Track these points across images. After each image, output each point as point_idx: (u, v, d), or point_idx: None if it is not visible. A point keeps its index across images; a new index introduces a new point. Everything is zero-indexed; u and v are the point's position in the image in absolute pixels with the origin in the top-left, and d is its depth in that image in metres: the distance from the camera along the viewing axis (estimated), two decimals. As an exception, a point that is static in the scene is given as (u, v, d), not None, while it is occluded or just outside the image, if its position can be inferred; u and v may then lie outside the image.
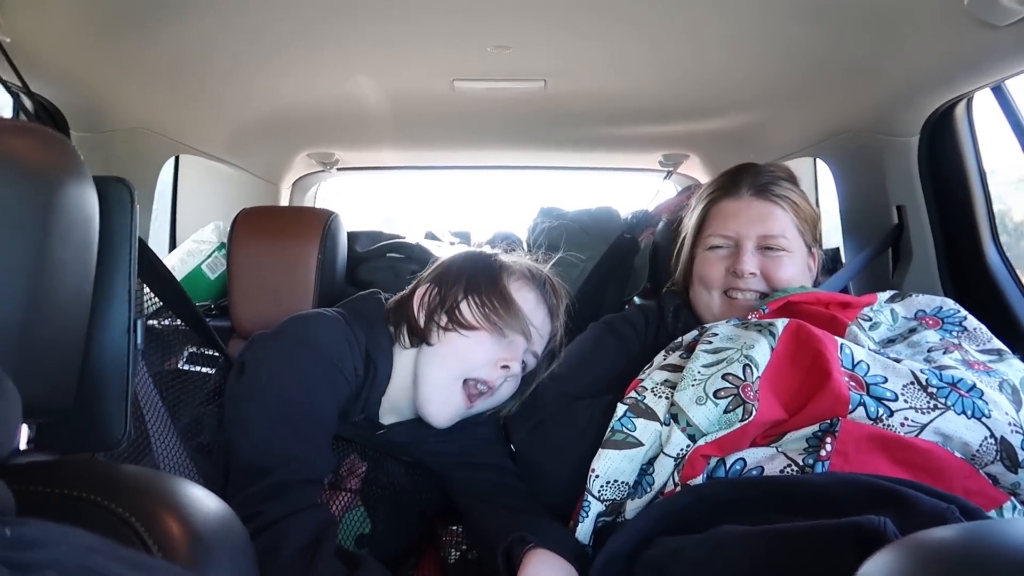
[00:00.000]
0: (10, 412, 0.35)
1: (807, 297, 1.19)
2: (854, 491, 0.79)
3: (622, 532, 0.90)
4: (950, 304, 1.17)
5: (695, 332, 1.14)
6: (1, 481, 0.36)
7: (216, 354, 1.27)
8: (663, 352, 1.15)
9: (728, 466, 0.93)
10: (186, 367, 1.28)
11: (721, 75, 1.63)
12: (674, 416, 0.98)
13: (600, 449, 0.99)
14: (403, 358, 1.17)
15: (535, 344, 1.17)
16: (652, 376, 1.07)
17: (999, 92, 1.34)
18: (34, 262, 0.49)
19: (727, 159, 2.18)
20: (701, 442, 0.95)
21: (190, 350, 1.31)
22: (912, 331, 1.14)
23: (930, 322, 1.15)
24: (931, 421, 0.89)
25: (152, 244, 1.76)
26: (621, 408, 1.02)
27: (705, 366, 1.01)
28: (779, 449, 0.93)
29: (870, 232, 1.64)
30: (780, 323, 1.04)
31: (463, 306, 1.14)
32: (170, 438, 1.13)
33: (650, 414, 1.00)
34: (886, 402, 0.92)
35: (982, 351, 1.07)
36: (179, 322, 1.32)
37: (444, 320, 1.14)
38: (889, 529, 0.65)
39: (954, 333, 1.12)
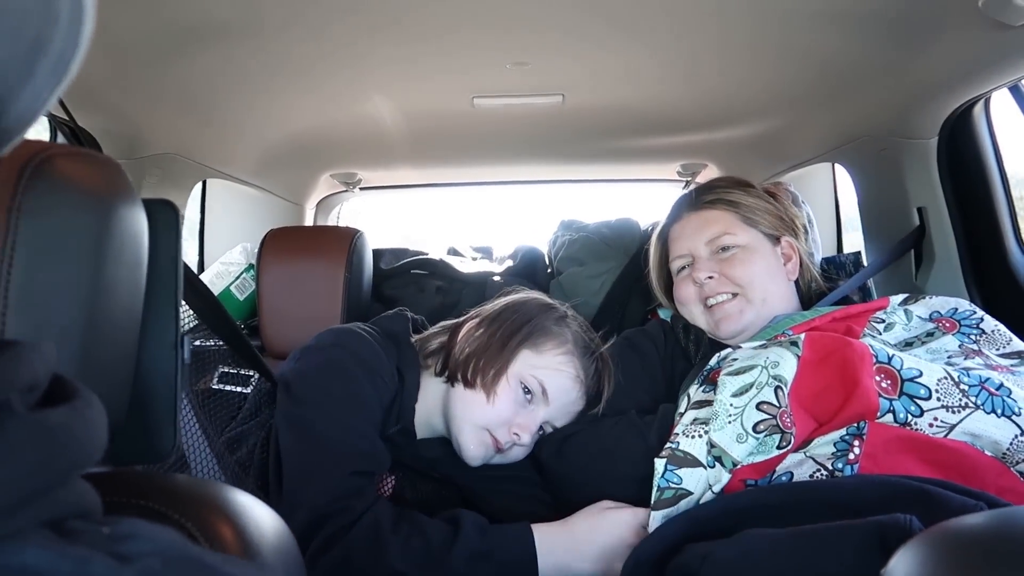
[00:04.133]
0: (101, 419, 0.37)
1: (821, 321, 1.16)
2: (882, 492, 0.80)
3: (650, 539, 0.91)
4: (965, 305, 1.16)
5: (713, 362, 1.11)
6: (89, 485, 0.38)
7: (248, 373, 1.30)
8: (683, 394, 1.12)
9: (758, 472, 0.94)
10: (219, 387, 1.31)
11: (738, 84, 1.64)
12: (718, 458, 0.96)
13: (652, 512, 0.96)
14: (432, 383, 1.21)
15: (557, 420, 1.20)
16: (681, 420, 1.04)
17: (1016, 92, 1.34)
18: (91, 281, 0.52)
19: (745, 167, 2.20)
20: (740, 465, 0.95)
21: (222, 370, 1.34)
22: (930, 335, 1.14)
23: (946, 324, 1.14)
24: (960, 421, 0.90)
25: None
26: (660, 463, 0.98)
27: (735, 395, 0.99)
28: (807, 454, 0.94)
29: (891, 235, 1.64)
30: (802, 336, 1.05)
31: (504, 370, 1.16)
32: (206, 455, 1.16)
33: (691, 461, 0.97)
34: (918, 400, 0.92)
35: (1003, 355, 1.07)
36: (211, 343, 1.36)
37: (484, 374, 1.15)
38: (915, 526, 0.66)
39: (972, 337, 1.11)
